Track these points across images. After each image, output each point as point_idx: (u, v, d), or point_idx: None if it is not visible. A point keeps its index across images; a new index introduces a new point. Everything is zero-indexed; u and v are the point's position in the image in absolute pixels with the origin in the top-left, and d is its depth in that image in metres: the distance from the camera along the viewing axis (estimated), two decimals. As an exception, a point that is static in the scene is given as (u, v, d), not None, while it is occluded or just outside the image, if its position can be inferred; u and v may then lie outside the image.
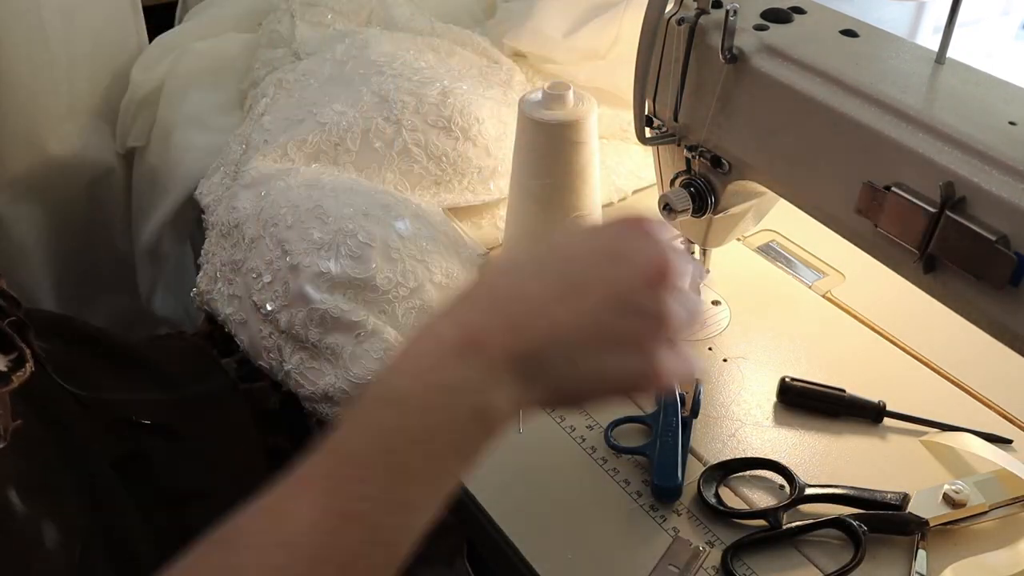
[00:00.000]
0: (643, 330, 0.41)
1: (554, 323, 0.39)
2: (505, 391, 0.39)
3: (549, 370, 0.40)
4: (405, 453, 0.37)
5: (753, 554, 0.56)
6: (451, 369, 0.38)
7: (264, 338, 0.67)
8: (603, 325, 0.40)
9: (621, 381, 0.42)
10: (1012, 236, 0.43)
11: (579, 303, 0.40)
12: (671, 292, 0.41)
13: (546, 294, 0.40)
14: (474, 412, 0.38)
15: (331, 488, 0.36)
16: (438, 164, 0.79)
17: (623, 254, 0.42)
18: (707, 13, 0.58)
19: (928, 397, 0.66)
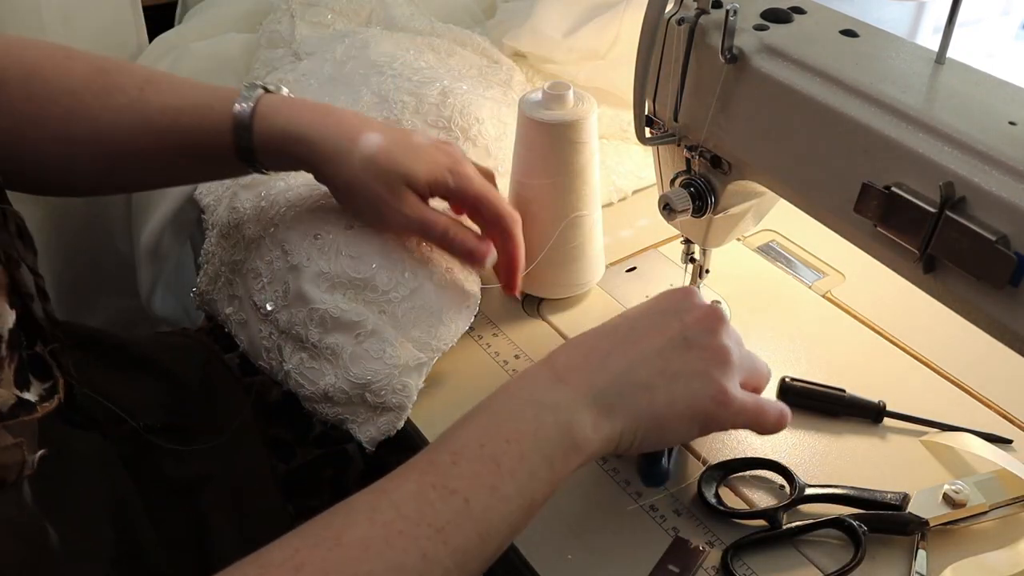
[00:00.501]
0: (704, 357, 0.50)
1: (625, 361, 0.49)
2: (588, 415, 0.47)
3: (626, 399, 0.48)
4: (495, 447, 0.44)
5: (753, 554, 0.56)
6: (541, 392, 0.47)
7: (264, 338, 0.67)
8: (667, 359, 0.49)
9: (690, 405, 0.49)
10: (1012, 236, 0.43)
11: (644, 345, 0.49)
12: (725, 332, 0.51)
13: (618, 343, 0.50)
14: (559, 427, 0.46)
15: (429, 468, 0.44)
16: (438, 164, 0.79)
17: (679, 309, 0.52)
18: (707, 13, 0.58)
19: (928, 397, 0.66)
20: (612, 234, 0.84)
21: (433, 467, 0.44)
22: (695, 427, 0.51)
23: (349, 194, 0.64)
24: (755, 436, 0.64)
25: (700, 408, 0.50)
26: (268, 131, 0.61)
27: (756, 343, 0.72)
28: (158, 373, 0.71)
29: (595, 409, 0.47)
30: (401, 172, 0.62)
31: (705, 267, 0.73)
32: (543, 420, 0.45)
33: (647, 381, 0.48)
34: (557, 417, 0.46)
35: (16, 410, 0.45)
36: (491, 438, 0.45)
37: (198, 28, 1.03)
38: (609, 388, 0.47)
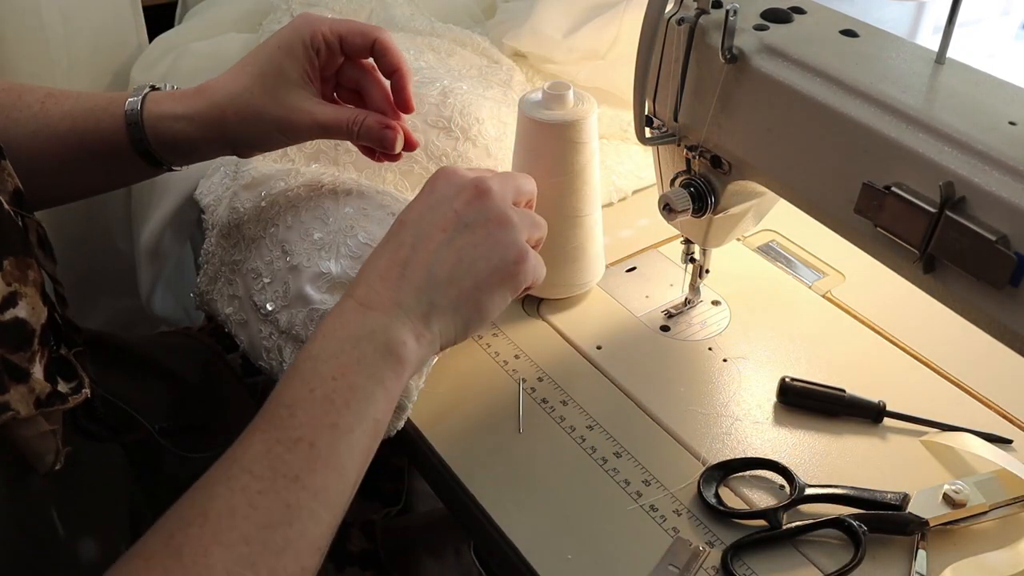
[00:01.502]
0: (489, 230, 0.52)
1: (422, 269, 0.50)
2: (404, 329, 0.49)
3: (437, 301, 0.50)
4: (324, 388, 0.46)
5: (753, 554, 0.56)
6: (353, 327, 0.49)
7: (264, 339, 0.67)
8: (457, 249, 0.51)
9: (497, 277, 0.52)
10: (1012, 236, 0.44)
11: (432, 245, 0.51)
12: (495, 199, 0.53)
13: (407, 254, 0.51)
14: (379, 350, 0.48)
15: (268, 426, 0.46)
16: (438, 164, 0.79)
17: (447, 196, 0.53)
18: (707, 13, 0.58)
19: (928, 397, 0.66)
20: (612, 234, 0.84)
21: (273, 423, 0.46)
22: (507, 293, 0.54)
23: (255, 134, 0.63)
24: (755, 436, 0.64)
25: (506, 274, 0.53)
26: (156, 119, 0.62)
27: (756, 343, 0.72)
28: (161, 374, 0.71)
29: (409, 321, 0.49)
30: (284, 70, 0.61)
31: (705, 267, 0.73)
32: (363, 350, 0.48)
33: (449, 276, 0.51)
34: (375, 342, 0.48)
35: (51, 399, 0.46)
36: (319, 381, 0.47)
37: (198, 28, 1.03)
38: (417, 299, 0.50)
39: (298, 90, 0.61)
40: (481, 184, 0.53)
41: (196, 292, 0.76)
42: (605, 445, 0.63)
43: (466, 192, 0.53)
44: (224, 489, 0.43)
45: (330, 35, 0.61)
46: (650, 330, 0.74)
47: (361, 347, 0.48)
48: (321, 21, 0.62)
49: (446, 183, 0.54)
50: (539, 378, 0.68)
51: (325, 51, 0.62)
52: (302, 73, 0.61)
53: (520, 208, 0.56)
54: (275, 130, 0.62)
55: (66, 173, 0.65)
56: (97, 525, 0.54)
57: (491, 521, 0.58)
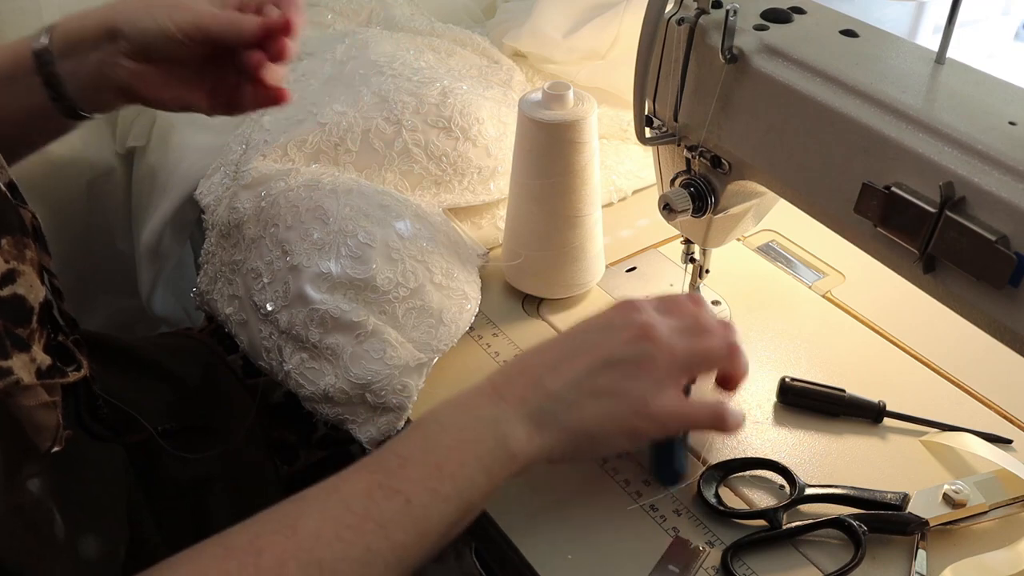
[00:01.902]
0: (627, 373, 0.52)
1: (558, 381, 0.52)
2: (522, 429, 0.50)
3: (557, 416, 0.51)
4: (439, 455, 0.48)
5: (753, 554, 0.56)
6: (481, 408, 0.51)
7: (264, 339, 0.67)
8: (594, 378, 0.52)
9: (615, 422, 0.52)
10: (1012, 236, 0.44)
11: (578, 364, 0.52)
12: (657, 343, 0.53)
13: (550, 360, 0.53)
14: (496, 439, 0.50)
15: (378, 469, 0.48)
16: (438, 164, 0.79)
17: (616, 326, 0.54)
18: (707, 13, 0.58)
19: (928, 397, 0.66)
20: (612, 234, 0.84)
21: (381, 468, 0.48)
22: (625, 439, 0.54)
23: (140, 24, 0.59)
24: (755, 436, 0.64)
25: (625, 423, 0.53)
26: (64, 33, 0.60)
27: (756, 343, 0.72)
28: (161, 375, 0.71)
29: (529, 423, 0.51)
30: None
31: (705, 267, 0.73)
32: (482, 432, 0.50)
33: (575, 399, 0.52)
34: (495, 430, 0.50)
35: (51, 372, 0.47)
36: (435, 446, 0.49)
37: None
38: (541, 406, 0.51)
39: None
40: (651, 325, 0.53)
41: (196, 292, 0.77)
42: (605, 445, 0.63)
43: (634, 328, 0.53)
44: (318, 512, 0.45)
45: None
46: (650, 330, 0.73)
47: (481, 430, 0.50)
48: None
49: (625, 313, 0.55)
50: (539, 378, 0.68)
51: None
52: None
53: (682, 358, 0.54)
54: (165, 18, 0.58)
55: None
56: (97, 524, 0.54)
57: (491, 521, 0.58)
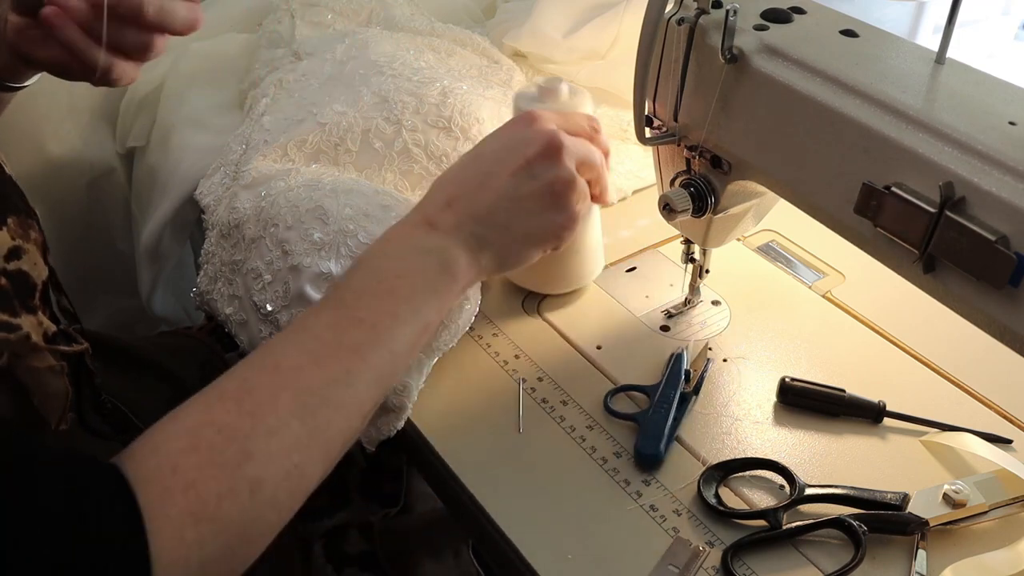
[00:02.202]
0: (550, 189, 0.56)
1: (484, 205, 0.56)
2: (460, 253, 0.55)
3: (489, 237, 0.56)
4: (391, 283, 0.53)
5: (753, 554, 0.56)
6: (419, 240, 0.55)
7: (264, 338, 0.67)
8: (519, 192, 0.56)
9: (547, 234, 0.58)
10: (1012, 236, 0.43)
11: (497, 185, 0.56)
12: (565, 157, 0.56)
13: (472, 182, 0.57)
14: (439, 265, 0.54)
15: (339, 305, 0.52)
16: (438, 164, 0.79)
17: (522, 140, 0.57)
18: (707, 13, 0.58)
19: (928, 397, 0.66)
20: (612, 234, 0.84)
21: (341, 303, 0.52)
22: (547, 249, 0.60)
23: None
24: (755, 436, 0.64)
25: (551, 237, 0.59)
26: None
27: (756, 343, 0.72)
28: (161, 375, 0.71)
29: (466, 248, 0.55)
30: None
31: (705, 267, 0.73)
32: (426, 261, 0.54)
33: (506, 222, 0.56)
34: (438, 258, 0.54)
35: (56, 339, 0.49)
36: (385, 276, 0.53)
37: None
38: (474, 230, 0.56)
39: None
40: (555, 141, 0.57)
41: (196, 292, 0.76)
42: (605, 445, 0.63)
43: (539, 143, 0.57)
44: (294, 349, 0.49)
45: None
46: (650, 330, 0.74)
47: (424, 258, 0.54)
48: None
49: (525, 127, 0.58)
50: (539, 378, 0.68)
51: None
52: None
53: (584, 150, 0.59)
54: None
55: None
56: None
57: (491, 521, 0.58)
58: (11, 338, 0.46)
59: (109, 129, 1.01)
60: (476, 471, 0.61)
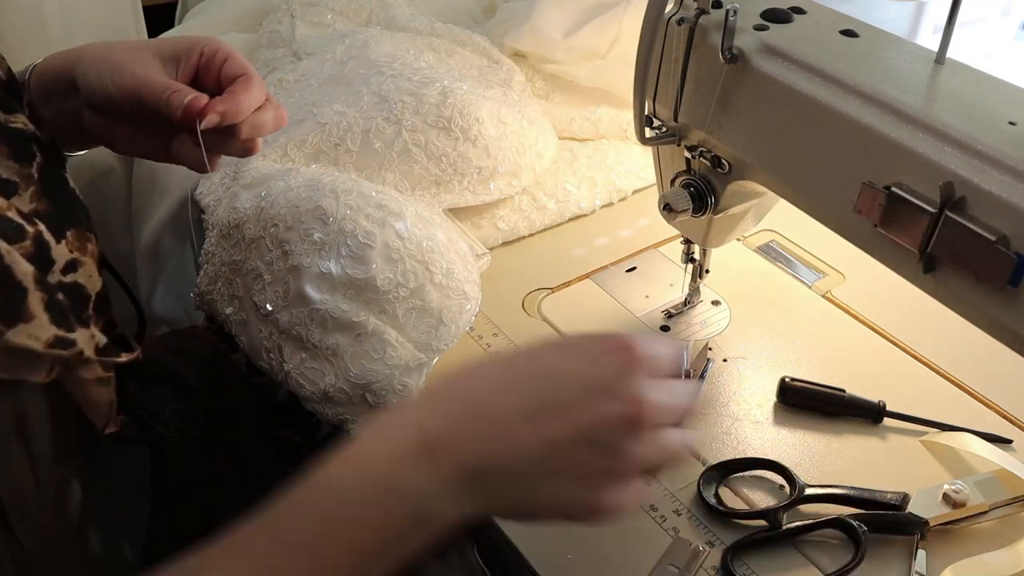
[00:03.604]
0: (604, 467, 0.40)
1: (516, 446, 0.39)
2: (451, 500, 0.39)
3: (502, 488, 0.40)
4: (333, 546, 0.38)
5: (753, 554, 0.56)
6: (402, 473, 0.38)
7: (264, 339, 0.67)
8: (566, 456, 0.39)
9: (567, 510, 0.41)
10: (1012, 236, 0.43)
11: (546, 428, 0.39)
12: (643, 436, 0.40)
13: (514, 412, 0.39)
14: (415, 516, 0.39)
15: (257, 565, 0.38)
16: (438, 164, 0.79)
17: (603, 386, 0.40)
18: (707, 13, 0.58)
19: (928, 397, 0.66)
20: (612, 234, 0.84)
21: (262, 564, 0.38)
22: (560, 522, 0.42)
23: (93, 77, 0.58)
24: (755, 436, 0.64)
25: (573, 514, 0.42)
26: (38, 78, 0.60)
27: (756, 343, 0.72)
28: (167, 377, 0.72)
29: (461, 492, 0.39)
30: (156, 46, 0.59)
31: (705, 267, 0.73)
32: (397, 510, 0.39)
33: (526, 475, 0.40)
34: (414, 506, 0.39)
35: (107, 351, 0.48)
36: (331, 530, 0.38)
37: (198, 28, 1.03)
38: (486, 473, 0.39)
39: (154, 60, 0.58)
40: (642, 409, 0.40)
41: (196, 292, 0.76)
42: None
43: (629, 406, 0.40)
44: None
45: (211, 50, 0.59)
46: (650, 330, 0.74)
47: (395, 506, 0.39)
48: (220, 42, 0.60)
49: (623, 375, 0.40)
50: (539, 378, 0.68)
51: (199, 59, 0.59)
52: (170, 54, 0.59)
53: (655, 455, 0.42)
54: (108, 78, 0.57)
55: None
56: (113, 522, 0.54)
57: (491, 521, 0.58)
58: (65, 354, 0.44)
59: (109, 129, 1.01)
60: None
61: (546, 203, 0.86)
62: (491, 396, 0.40)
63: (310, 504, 0.39)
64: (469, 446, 0.39)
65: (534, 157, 0.84)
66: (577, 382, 0.40)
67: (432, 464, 0.39)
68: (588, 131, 0.95)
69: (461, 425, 0.39)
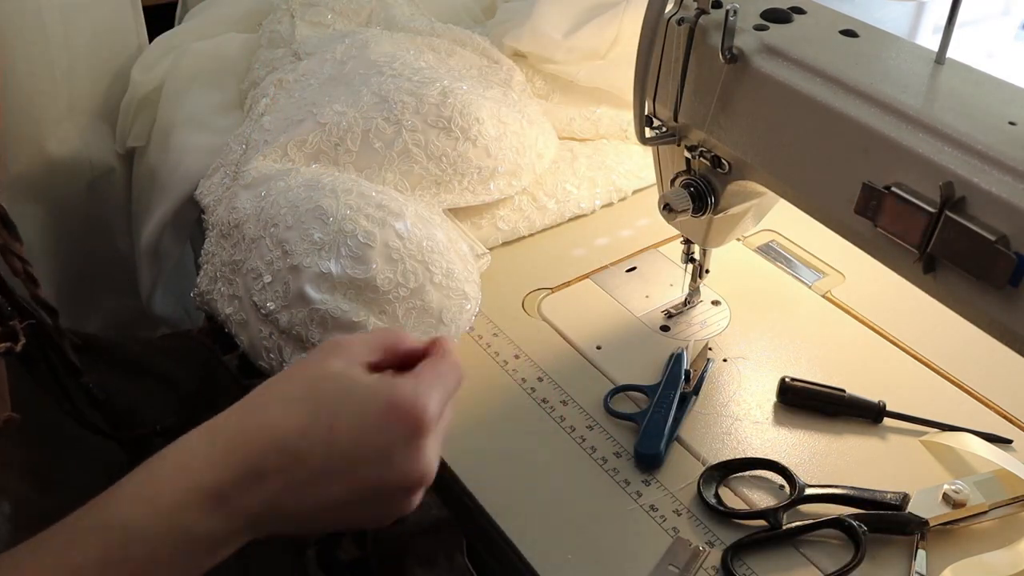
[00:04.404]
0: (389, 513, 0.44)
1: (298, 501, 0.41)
2: (241, 537, 0.41)
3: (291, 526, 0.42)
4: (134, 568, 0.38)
5: (753, 554, 0.56)
6: (194, 518, 0.39)
7: (264, 338, 0.67)
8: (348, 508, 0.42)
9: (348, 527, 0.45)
10: (1012, 236, 0.43)
11: (332, 489, 0.41)
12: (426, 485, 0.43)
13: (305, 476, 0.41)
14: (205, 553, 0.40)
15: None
16: (438, 164, 0.79)
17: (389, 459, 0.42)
18: (707, 13, 0.58)
19: (928, 397, 0.66)
20: (612, 234, 0.84)
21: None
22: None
23: None
24: (755, 436, 0.64)
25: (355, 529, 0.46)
26: None
27: (756, 343, 0.72)
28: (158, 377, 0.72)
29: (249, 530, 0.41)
30: None
31: (705, 267, 0.73)
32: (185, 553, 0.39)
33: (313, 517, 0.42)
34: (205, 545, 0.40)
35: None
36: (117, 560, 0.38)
37: (198, 28, 1.03)
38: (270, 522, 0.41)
39: None
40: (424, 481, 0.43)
41: (196, 292, 0.76)
42: (605, 445, 0.63)
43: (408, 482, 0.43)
44: None
45: None
46: (650, 330, 0.74)
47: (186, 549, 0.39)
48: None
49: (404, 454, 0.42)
50: (539, 378, 0.68)
51: None
52: None
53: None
54: None
55: None
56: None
57: (491, 521, 0.58)
58: None
59: (109, 129, 1.01)
60: (476, 471, 0.61)
61: (546, 203, 0.86)
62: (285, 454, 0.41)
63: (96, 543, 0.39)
64: (263, 502, 0.40)
65: (534, 157, 0.84)
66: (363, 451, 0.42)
67: (223, 515, 0.40)
68: (588, 131, 0.95)
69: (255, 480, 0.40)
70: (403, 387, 0.42)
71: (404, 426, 0.42)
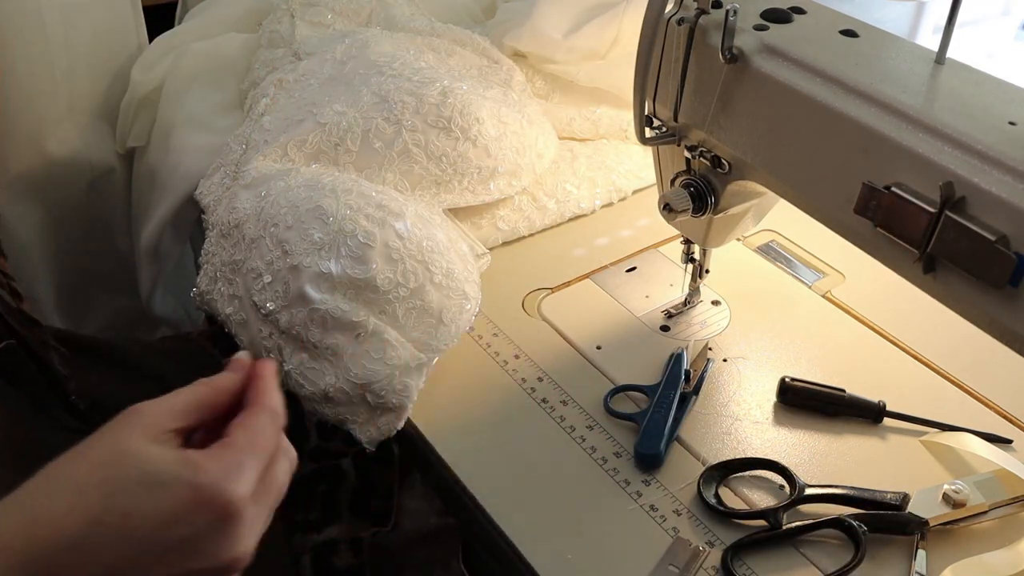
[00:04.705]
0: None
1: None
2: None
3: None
4: None
5: (753, 554, 0.56)
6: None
7: (264, 338, 0.67)
8: None
9: None
10: (1012, 236, 0.43)
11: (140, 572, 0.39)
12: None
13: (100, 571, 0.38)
14: None
15: None
16: (438, 164, 0.79)
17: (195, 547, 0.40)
18: (707, 13, 0.58)
19: (928, 397, 0.66)
20: (612, 234, 0.84)
21: None
22: None
23: None
24: (755, 436, 0.64)
25: None
26: None
27: (756, 343, 0.72)
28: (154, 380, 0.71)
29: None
30: None
31: (705, 267, 0.73)
32: None
33: None
34: None
35: None
36: None
37: (198, 28, 1.03)
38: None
39: None
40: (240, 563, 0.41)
41: (196, 292, 0.76)
42: (605, 445, 0.63)
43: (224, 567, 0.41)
44: None
45: None
46: (650, 330, 0.74)
47: None
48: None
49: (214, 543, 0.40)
50: (539, 378, 0.68)
51: None
52: None
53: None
54: None
55: None
56: None
57: (491, 521, 0.58)
58: None
59: (109, 129, 1.01)
60: (476, 471, 0.61)
61: (546, 203, 0.86)
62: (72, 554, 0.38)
63: None
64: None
65: (534, 157, 0.85)
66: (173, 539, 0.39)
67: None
68: (588, 131, 0.95)
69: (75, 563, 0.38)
70: (207, 472, 0.39)
71: (211, 514, 0.39)
